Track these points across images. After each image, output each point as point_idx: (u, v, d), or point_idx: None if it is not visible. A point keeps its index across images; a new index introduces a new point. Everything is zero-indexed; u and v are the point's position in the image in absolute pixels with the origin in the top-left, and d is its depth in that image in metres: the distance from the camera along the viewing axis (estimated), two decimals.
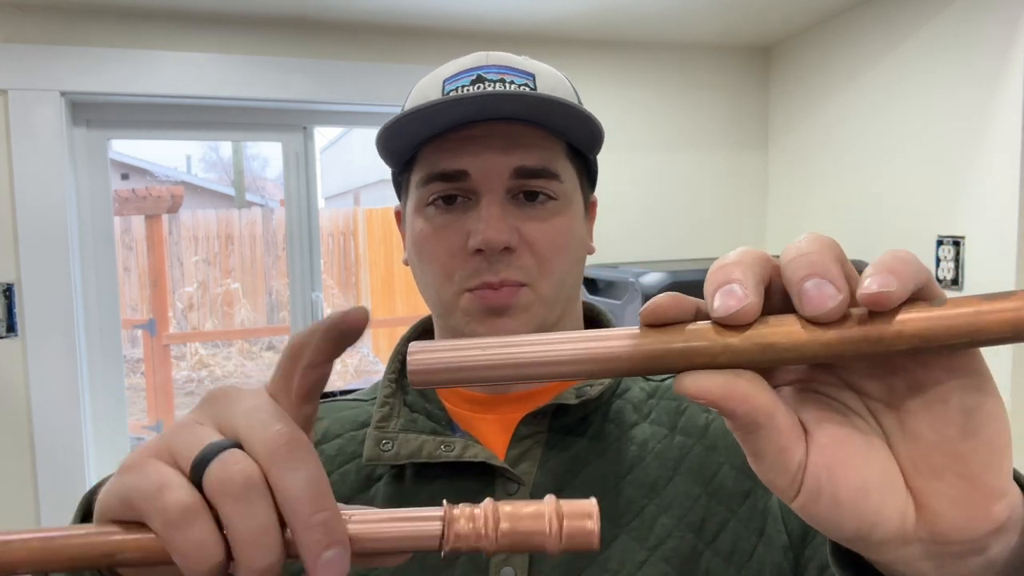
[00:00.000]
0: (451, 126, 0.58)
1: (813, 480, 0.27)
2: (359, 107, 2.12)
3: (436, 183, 0.59)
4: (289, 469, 0.28)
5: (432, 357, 0.28)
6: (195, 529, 0.28)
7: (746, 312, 0.26)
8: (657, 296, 0.28)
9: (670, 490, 0.58)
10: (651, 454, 0.60)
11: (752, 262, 0.27)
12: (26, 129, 1.78)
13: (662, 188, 2.36)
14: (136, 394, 5.84)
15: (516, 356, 0.28)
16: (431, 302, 0.63)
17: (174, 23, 1.90)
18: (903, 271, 0.25)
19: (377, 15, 1.95)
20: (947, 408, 0.27)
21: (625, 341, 0.27)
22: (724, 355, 0.27)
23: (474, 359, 0.28)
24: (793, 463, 0.27)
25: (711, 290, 0.27)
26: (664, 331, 0.27)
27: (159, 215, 5.83)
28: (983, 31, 1.64)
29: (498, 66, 0.61)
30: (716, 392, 0.27)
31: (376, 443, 0.60)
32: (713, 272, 0.28)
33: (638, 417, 0.63)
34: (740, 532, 0.56)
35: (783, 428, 0.27)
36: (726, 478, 0.59)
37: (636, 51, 2.30)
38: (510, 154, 0.58)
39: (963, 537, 0.27)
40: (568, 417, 0.61)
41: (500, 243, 0.56)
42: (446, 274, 0.59)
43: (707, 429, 0.62)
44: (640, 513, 0.57)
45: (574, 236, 0.62)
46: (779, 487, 0.28)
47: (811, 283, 0.26)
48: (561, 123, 0.59)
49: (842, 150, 2.11)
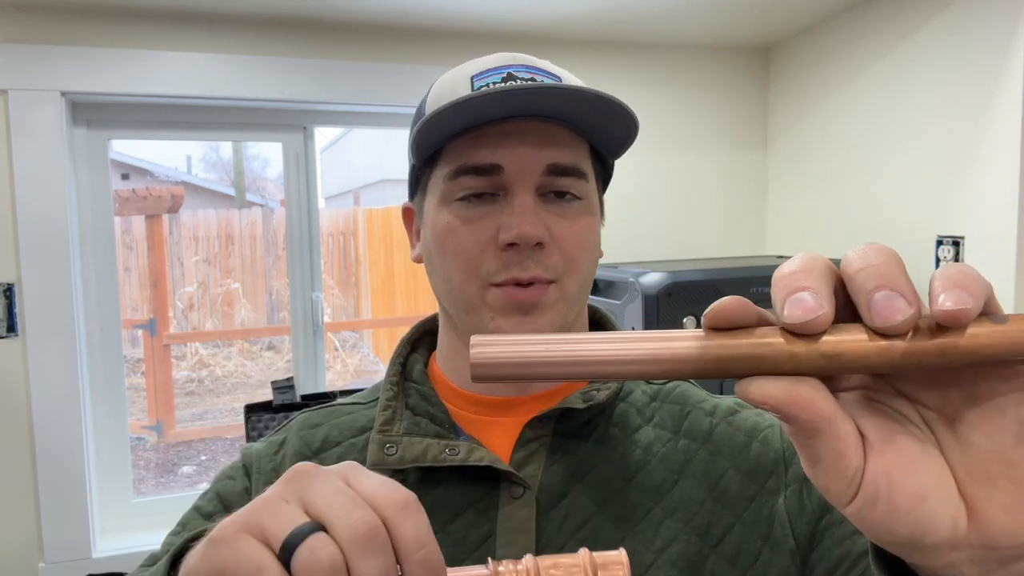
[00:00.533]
0: (488, 120, 0.57)
1: (872, 487, 0.27)
2: (359, 107, 2.12)
3: (467, 177, 0.58)
4: (368, 557, 0.30)
5: (495, 351, 0.28)
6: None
7: (819, 322, 0.26)
8: (723, 299, 0.28)
9: (675, 494, 0.58)
10: (656, 458, 0.60)
11: (823, 271, 0.28)
12: (26, 129, 1.78)
13: (662, 188, 2.36)
14: (136, 394, 5.84)
15: (581, 354, 0.27)
16: (451, 298, 0.61)
17: (174, 23, 1.90)
18: (975, 288, 0.26)
19: (377, 15, 1.95)
20: (1004, 418, 0.28)
21: (692, 343, 0.27)
22: (790, 363, 0.27)
23: (539, 355, 0.27)
24: (851, 469, 0.28)
25: (781, 296, 0.27)
26: (730, 335, 0.27)
27: (159, 215, 5.83)
28: (983, 31, 1.64)
29: (526, 66, 0.60)
30: (779, 398, 0.27)
31: (380, 447, 0.59)
32: (782, 279, 0.28)
33: (641, 420, 0.63)
34: (745, 536, 0.56)
35: (843, 434, 0.27)
36: (731, 482, 0.59)
37: (636, 51, 2.30)
38: (544, 150, 0.58)
39: (1013, 542, 0.27)
40: (573, 421, 0.61)
41: (535, 238, 0.56)
42: (471, 269, 0.58)
43: (711, 433, 0.62)
44: (646, 516, 0.57)
45: (597, 237, 0.63)
46: (834, 492, 0.28)
47: (881, 295, 0.26)
48: (595, 122, 0.59)
49: (842, 150, 2.11)
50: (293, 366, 2.23)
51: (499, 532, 0.55)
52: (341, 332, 7.68)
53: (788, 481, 0.59)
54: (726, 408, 0.64)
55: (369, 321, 7.18)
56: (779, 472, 0.59)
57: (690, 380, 0.68)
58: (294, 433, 0.65)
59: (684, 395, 0.66)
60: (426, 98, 0.63)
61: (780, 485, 0.59)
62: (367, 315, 7.18)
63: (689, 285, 1.78)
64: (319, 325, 2.20)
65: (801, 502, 0.58)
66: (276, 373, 6.77)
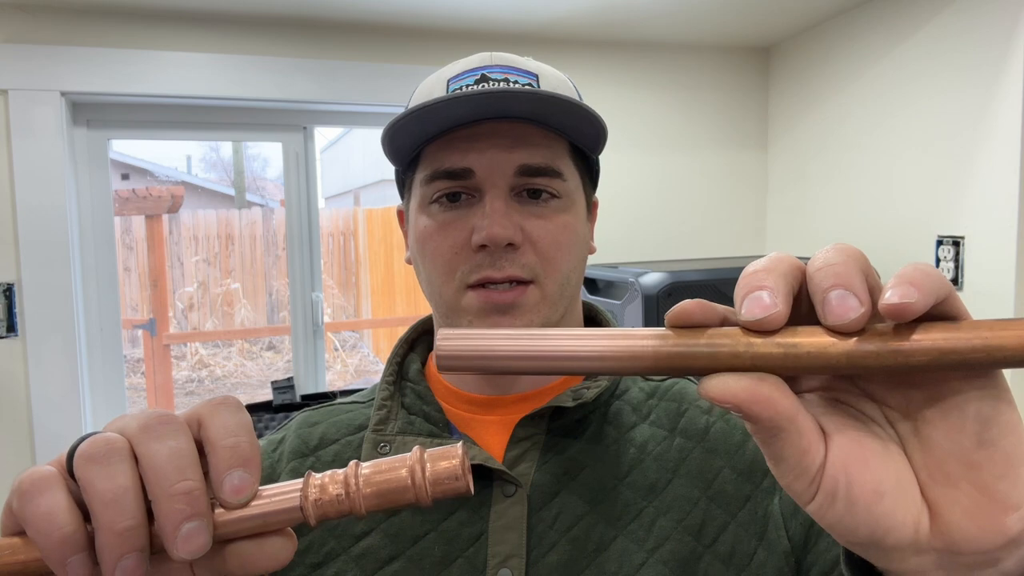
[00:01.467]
0: (456, 124, 0.58)
1: (831, 482, 0.27)
2: (359, 107, 2.12)
3: (440, 181, 0.59)
4: (155, 439, 0.29)
5: (462, 344, 0.28)
6: (45, 497, 0.28)
7: (773, 320, 0.27)
8: (684, 301, 0.28)
9: (669, 492, 0.58)
10: (650, 456, 0.60)
11: (785, 271, 0.28)
12: (26, 129, 1.78)
13: (662, 188, 2.36)
14: (136, 394, 5.84)
15: (543, 349, 0.28)
16: (434, 301, 0.62)
17: (174, 23, 1.90)
18: (924, 283, 0.26)
19: (377, 15, 1.95)
20: (964, 417, 0.27)
21: (650, 341, 0.28)
22: (747, 358, 0.27)
23: (502, 349, 0.28)
24: (813, 466, 0.28)
25: (740, 295, 0.28)
26: (690, 333, 0.28)
27: (159, 215, 5.83)
28: (983, 31, 1.64)
29: (502, 66, 0.61)
30: (740, 395, 0.27)
31: (373, 446, 0.60)
32: (744, 277, 0.28)
33: (637, 418, 0.62)
34: (740, 536, 0.56)
35: (804, 431, 0.27)
36: (726, 482, 0.59)
37: (636, 51, 2.30)
38: (514, 152, 0.58)
39: (975, 548, 0.27)
40: (566, 419, 0.61)
41: (504, 239, 0.56)
42: (448, 271, 0.59)
43: (707, 432, 0.62)
44: (639, 515, 0.57)
45: (577, 234, 0.62)
46: (797, 490, 0.28)
47: (835, 294, 0.26)
48: (565, 121, 0.59)
49: (842, 150, 2.11)
50: (293, 366, 2.23)
51: (490, 531, 0.56)
52: (341, 332, 7.68)
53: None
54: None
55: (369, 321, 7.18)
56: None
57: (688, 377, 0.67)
58: (292, 431, 0.66)
59: (682, 392, 0.65)
60: (409, 102, 0.64)
61: (775, 485, 0.59)
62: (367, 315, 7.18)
63: (689, 285, 1.78)
64: (319, 325, 2.20)
65: (795, 503, 0.57)
66: (276, 373, 6.77)
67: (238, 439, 0.30)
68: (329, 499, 0.31)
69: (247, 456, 0.30)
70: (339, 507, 0.31)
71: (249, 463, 0.30)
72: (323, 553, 0.57)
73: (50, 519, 0.28)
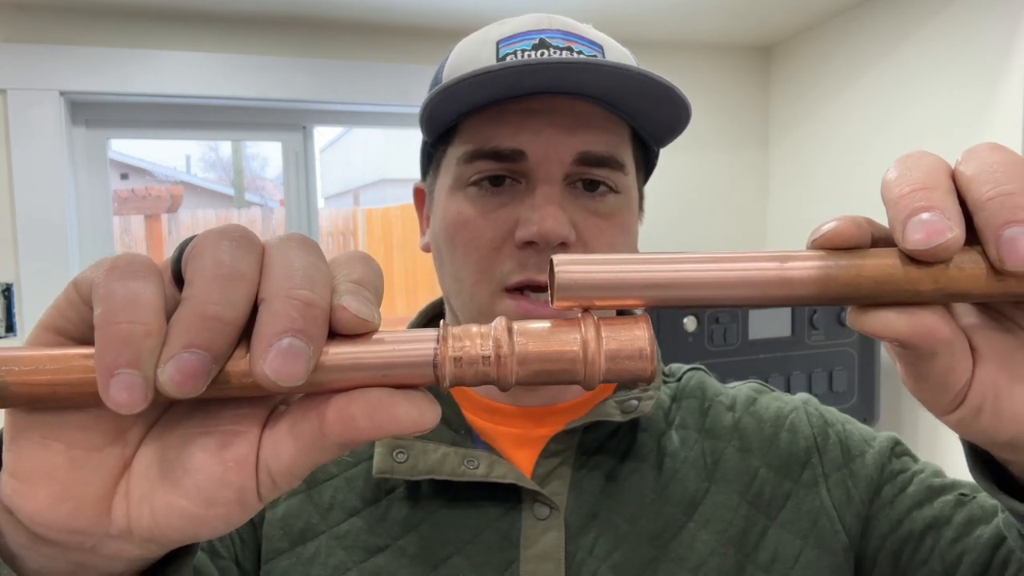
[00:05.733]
0: (508, 95, 0.49)
1: (977, 397, 0.27)
2: (359, 107, 2.12)
3: (484, 160, 0.50)
4: (296, 247, 0.24)
5: (585, 269, 0.24)
6: (139, 282, 0.22)
7: (949, 247, 0.23)
8: (837, 219, 0.25)
9: (708, 503, 0.53)
10: (685, 464, 0.54)
11: (949, 187, 0.24)
12: (26, 129, 1.78)
13: (662, 187, 2.36)
14: None
15: (684, 275, 0.24)
16: (460, 301, 0.53)
17: (174, 23, 1.90)
18: None
19: (377, 15, 1.95)
20: None
21: (812, 263, 0.24)
22: (911, 291, 0.24)
23: (635, 276, 0.24)
24: (959, 383, 0.27)
25: (903, 216, 0.24)
26: (850, 256, 0.24)
27: (158, 215, 5.83)
28: (983, 31, 1.64)
29: (563, 31, 0.52)
30: (903, 331, 0.25)
31: (389, 452, 0.51)
32: (906, 193, 0.24)
33: (666, 424, 0.57)
34: (782, 538, 0.52)
35: (956, 352, 0.26)
36: (764, 483, 0.54)
37: (636, 51, 2.28)
38: (575, 135, 0.50)
39: None
40: (600, 431, 0.53)
41: (557, 237, 0.48)
42: (483, 269, 0.50)
43: (736, 429, 0.57)
44: (679, 533, 0.51)
45: (632, 239, 0.54)
46: (933, 403, 0.27)
47: (1011, 232, 0.23)
48: (638, 105, 0.51)
49: (843, 149, 2.11)
50: None
51: (523, 559, 0.49)
52: None
53: (827, 471, 0.54)
54: (745, 398, 0.59)
55: None
56: (813, 462, 0.55)
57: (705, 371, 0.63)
58: None
59: (701, 386, 0.60)
60: (444, 64, 0.55)
61: (817, 476, 0.54)
62: None
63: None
64: None
65: (848, 493, 0.53)
66: None
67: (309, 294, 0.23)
68: (472, 359, 0.23)
69: (377, 288, 0.25)
70: (483, 372, 0.23)
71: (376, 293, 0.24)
72: (331, 566, 0.50)
73: (135, 302, 0.22)
